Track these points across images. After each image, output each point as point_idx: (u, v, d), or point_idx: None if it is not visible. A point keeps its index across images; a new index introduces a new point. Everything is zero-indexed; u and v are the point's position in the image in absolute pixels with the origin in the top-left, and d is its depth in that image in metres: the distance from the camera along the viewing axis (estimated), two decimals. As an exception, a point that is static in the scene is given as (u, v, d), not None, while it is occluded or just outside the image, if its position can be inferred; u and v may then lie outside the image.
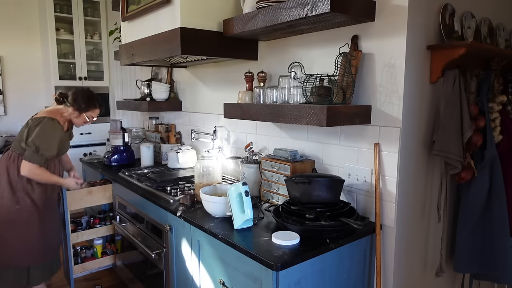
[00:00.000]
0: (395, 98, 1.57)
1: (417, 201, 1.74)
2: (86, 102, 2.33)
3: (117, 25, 3.61)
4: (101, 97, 2.53)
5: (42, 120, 2.23)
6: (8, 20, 4.21)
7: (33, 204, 2.24)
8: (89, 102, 2.35)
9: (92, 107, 2.38)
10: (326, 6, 1.41)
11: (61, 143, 2.29)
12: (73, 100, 2.31)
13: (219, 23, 2.00)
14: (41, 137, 2.18)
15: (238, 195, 1.62)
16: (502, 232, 1.84)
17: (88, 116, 2.38)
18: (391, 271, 1.67)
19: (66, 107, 2.32)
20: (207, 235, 1.66)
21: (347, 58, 1.61)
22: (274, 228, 1.61)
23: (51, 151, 2.22)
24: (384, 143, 1.63)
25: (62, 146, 2.33)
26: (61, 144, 2.30)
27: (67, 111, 2.32)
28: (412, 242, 1.75)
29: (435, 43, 1.65)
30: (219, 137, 2.59)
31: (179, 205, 1.96)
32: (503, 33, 2.01)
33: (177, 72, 3.06)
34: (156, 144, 3.09)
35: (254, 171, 2.06)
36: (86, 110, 2.35)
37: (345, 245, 1.53)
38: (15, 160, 2.23)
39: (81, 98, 2.32)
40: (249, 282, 1.46)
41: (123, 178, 2.56)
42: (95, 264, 2.80)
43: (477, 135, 1.76)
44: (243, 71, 2.18)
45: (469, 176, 1.79)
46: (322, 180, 1.62)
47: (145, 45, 2.24)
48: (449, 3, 1.66)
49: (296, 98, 1.73)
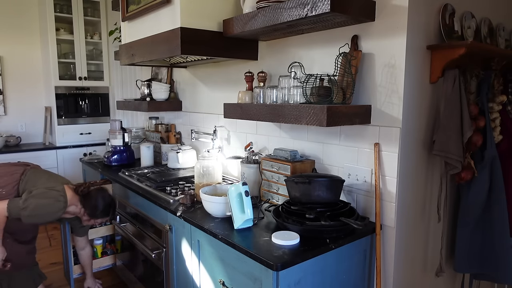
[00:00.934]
0: (395, 98, 1.57)
1: (417, 201, 1.74)
2: (101, 213, 2.27)
3: (117, 25, 3.61)
4: (101, 97, 2.48)
5: (57, 195, 2.08)
6: (8, 20, 4.21)
7: None
8: (104, 213, 2.29)
9: (105, 216, 2.34)
10: (326, 6, 1.41)
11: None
12: (91, 207, 2.24)
13: (219, 23, 2.00)
14: (38, 209, 2.02)
15: (238, 195, 1.62)
16: (502, 232, 1.84)
17: (96, 222, 2.38)
18: (391, 271, 1.67)
19: (80, 203, 2.22)
20: (207, 235, 1.66)
21: (347, 58, 1.61)
22: (274, 228, 1.61)
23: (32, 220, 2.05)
24: (384, 143, 1.63)
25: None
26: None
27: (78, 207, 2.22)
28: (412, 242, 1.75)
29: (435, 43, 1.65)
30: (219, 137, 2.59)
31: (179, 205, 1.96)
32: (503, 33, 2.01)
33: (177, 72, 3.06)
34: (156, 144, 3.09)
35: (254, 171, 2.06)
36: (97, 217, 2.30)
37: (345, 245, 1.53)
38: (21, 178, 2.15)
39: (100, 210, 2.25)
40: (249, 282, 1.46)
41: (123, 178, 2.56)
42: (95, 264, 2.80)
43: (477, 135, 1.76)
44: (243, 71, 2.18)
45: (469, 176, 1.79)
46: (322, 180, 1.62)
47: (145, 45, 2.24)
48: (449, 3, 1.66)
49: (296, 98, 1.73)
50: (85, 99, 4.49)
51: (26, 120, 4.39)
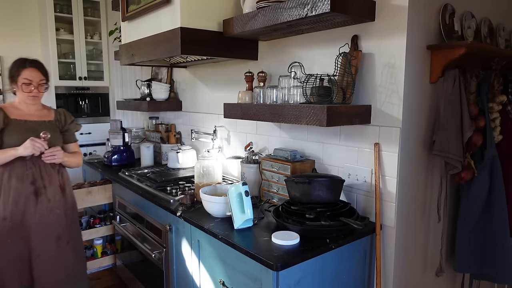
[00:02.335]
0: (395, 98, 1.57)
1: (417, 201, 1.74)
2: (11, 68, 2.02)
3: (117, 25, 3.61)
4: (101, 97, 2.45)
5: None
6: (8, 20, 4.21)
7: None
8: (13, 66, 2.02)
9: (20, 68, 1.98)
10: (326, 6, 1.41)
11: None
12: (7, 76, 2.05)
13: (219, 23, 2.00)
14: None
15: (238, 195, 1.62)
16: (502, 232, 1.84)
17: (22, 81, 1.97)
18: (391, 271, 1.67)
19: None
20: (207, 235, 1.66)
21: (347, 58, 1.61)
22: (274, 228, 1.61)
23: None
24: (384, 143, 1.63)
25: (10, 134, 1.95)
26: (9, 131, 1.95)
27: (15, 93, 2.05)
28: (412, 242, 1.75)
29: (435, 43, 1.65)
30: (219, 137, 2.59)
31: (179, 205, 1.96)
32: (503, 33, 2.01)
33: (177, 72, 3.06)
34: (156, 144, 3.09)
35: (254, 171, 2.06)
36: (15, 75, 1.99)
37: (345, 245, 1.53)
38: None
39: (9, 68, 2.04)
40: (249, 282, 1.46)
41: (123, 178, 2.56)
42: (95, 264, 2.80)
43: (477, 135, 1.76)
44: (243, 71, 2.18)
45: (469, 176, 1.79)
46: (322, 180, 1.62)
47: (145, 45, 2.24)
48: (449, 3, 1.66)
49: (296, 98, 1.73)
50: (85, 99, 4.49)
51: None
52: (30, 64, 2.00)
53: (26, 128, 1.98)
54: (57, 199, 2.06)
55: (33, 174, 1.99)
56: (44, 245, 2.01)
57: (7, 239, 1.94)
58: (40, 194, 2.00)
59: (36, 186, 1.99)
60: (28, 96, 2.01)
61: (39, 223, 1.99)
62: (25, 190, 1.96)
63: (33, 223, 1.97)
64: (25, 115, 2.03)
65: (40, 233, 1.99)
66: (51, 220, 2.03)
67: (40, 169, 2.01)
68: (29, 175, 1.98)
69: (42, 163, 2.01)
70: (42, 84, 2.03)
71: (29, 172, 1.98)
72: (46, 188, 2.02)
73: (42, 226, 2.00)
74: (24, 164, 1.96)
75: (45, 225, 2.01)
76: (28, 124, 2.01)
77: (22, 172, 1.96)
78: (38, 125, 2.03)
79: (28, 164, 1.97)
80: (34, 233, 1.98)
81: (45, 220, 2.01)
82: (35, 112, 2.08)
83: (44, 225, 2.00)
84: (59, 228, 2.06)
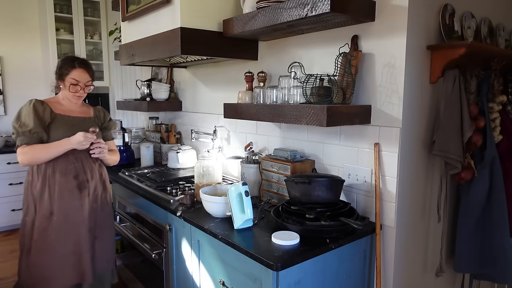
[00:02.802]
0: (395, 98, 1.57)
1: (417, 201, 1.74)
2: (60, 66, 2.01)
3: (117, 25, 3.61)
4: (101, 97, 2.46)
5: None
6: (8, 20, 4.21)
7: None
8: (62, 64, 2.01)
9: (69, 67, 1.98)
10: (326, 6, 1.41)
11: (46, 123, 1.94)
12: (54, 72, 2.05)
13: (219, 23, 2.00)
14: (15, 118, 1.99)
15: (238, 195, 1.62)
16: (502, 232, 1.84)
17: (70, 81, 1.98)
18: (391, 271, 1.67)
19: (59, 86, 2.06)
20: (207, 235, 1.66)
21: (347, 58, 1.61)
22: (274, 228, 1.60)
23: (27, 126, 1.91)
24: (384, 143, 1.63)
25: (57, 129, 1.97)
26: (55, 126, 1.96)
27: (59, 90, 2.07)
28: (412, 242, 1.75)
29: (435, 43, 1.65)
30: (219, 137, 2.59)
31: (179, 205, 1.96)
32: (503, 33, 2.01)
33: (177, 72, 3.06)
34: (156, 144, 3.09)
35: (254, 171, 2.06)
36: (63, 74, 1.99)
37: (345, 245, 1.53)
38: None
39: (57, 66, 2.03)
40: (249, 282, 1.46)
41: (123, 178, 2.56)
42: (95, 264, 2.80)
43: (477, 135, 1.76)
44: (243, 71, 2.18)
45: (469, 176, 1.79)
46: (322, 180, 1.62)
47: (145, 45, 2.24)
48: (449, 3, 1.66)
49: (296, 98, 1.73)
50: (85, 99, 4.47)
51: (26, 120, 4.38)
52: (79, 64, 2.01)
53: (71, 123, 2.02)
54: (99, 192, 2.11)
55: (76, 169, 2.02)
56: (89, 238, 2.05)
57: (54, 234, 1.96)
58: (83, 188, 2.03)
59: (79, 180, 2.02)
60: (73, 96, 2.04)
61: (86, 217, 2.02)
62: (68, 185, 1.99)
63: (79, 217, 2.00)
64: (68, 111, 2.07)
65: (86, 226, 2.02)
66: (95, 212, 2.08)
67: (82, 163, 2.04)
68: (72, 169, 2.00)
69: (85, 158, 2.05)
70: (88, 85, 2.06)
71: (72, 166, 2.00)
72: (89, 182, 2.05)
73: (87, 219, 2.03)
74: (66, 159, 1.99)
75: (91, 218, 2.05)
76: (72, 119, 2.04)
77: (65, 167, 1.99)
78: (81, 121, 2.07)
79: (70, 158, 2.00)
80: (81, 226, 2.01)
81: (90, 213, 2.05)
82: (77, 108, 2.12)
83: (90, 218, 2.04)
84: (103, 219, 2.12)
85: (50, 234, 1.96)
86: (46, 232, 1.95)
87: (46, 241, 1.95)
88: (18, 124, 1.95)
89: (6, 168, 3.85)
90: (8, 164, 3.86)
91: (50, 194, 1.97)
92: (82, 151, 2.02)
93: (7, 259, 3.31)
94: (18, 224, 3.92)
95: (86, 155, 2.06)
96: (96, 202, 2.09)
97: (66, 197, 1.98)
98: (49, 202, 1.96)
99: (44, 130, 1.94)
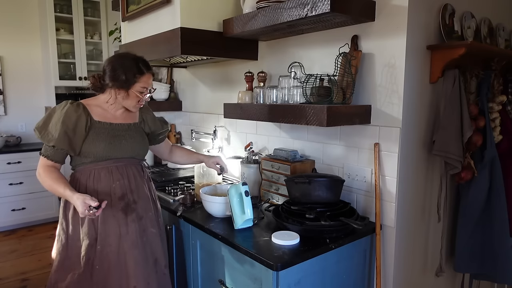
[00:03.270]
0: (395, 98, 1.57)
1: (417, 201, 1.74)
2: (124, 70, 1.58)
3: (117, 25, 3.61)
4: None
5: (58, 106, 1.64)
6: (8, 20, 4.21)
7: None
8: (125, 69, 1.58)
9: (137, 73, 1.59)
10: (326, 6, 1.41)
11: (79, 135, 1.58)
12: (109, 76, 1.60)
13: (219, 23, 2.00)
14: (43, 121, 1.62)
15: (238, 195, 1.62)
16: (502, 232, 1.84)
17: (139, 90, 1.62)
18: (391, 271, 1.67)
19: (109, 91, 1.63)
20: (207, 235, 1.66)
21: (347, 58, 1.61)
22: (274, 228, 1.60)
23: (51, 139, 1.56)
24: (384, 143, 1.63)
25: (96, 141, 1.60)
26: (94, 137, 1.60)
27: (110, 95, 1.63)
28: (412, 242, 1.75)
29: (435, 43, 1.65)
30: (219, 137, 2.59)
31: (179, 205, 1.96)
32: (503, 33, 2.01)
33: (177, 72, 3.06)
34: (156, 144, 3.09)
35: (254, 171, 2.06)
36: (130, 82, 1.59)
37: (345, 245, 1.53)
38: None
39: (116, 69, 1.59)
40: (249, 282, 1.46)
41: (123, 178, 2.55)
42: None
43: (477, 135, 1.76)
44: (243, 71, 2.18)
45: (469, 176, 1.79)
46: (322, 180, 1.62)
47: (145, 45, 2.24)
48: (449, 3, 1.66)
49: (296, 98, 1.73)
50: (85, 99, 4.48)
51: (26, 120, 4.39)
52: (147, 69, 1.63)
53: (113, 133, 1.65)
54: (150, 215, 1.72)
55: (121, 187, 1.64)
56: (141, 271, 1.64)
57: (98, 265, 1.61)
58: (130, 212, 1.65)
59: (125, 201, 1.64)
60: (135, 106, 1.67)
61: (133, 246, 1.63)
62: (113, 208, 1.61)
63: (126, 247, 1.62)
64: (111, 117, 1.68)
65: (135, 258, 1.62)
66: (145, 241, 1.68)
67: (129, 180, 1.67)
68: (117, 188, 1.63)
69: (131, 172, 1.69)
70: (152, 91, 1.70)
71: (116, 185, 1.63)
72: (137, 203, 1.67)
73: (137, 249, 1.63)
74: (110, 176, 1.63)
75: (140, 247, 1.65)
76: (114, 127, 1.66)
77: (109, 186, 1.62)
78: (125, 130, 1.69)
79: (115, 174, 1.64)
80: (129, 258, 1.61)
81: (139, 242, 1.65)
82: (122, 113, 1.71)
83: (139, 247, 1.64)
84: (156, 250, 1.72)
85: (95, 267, 1.61)
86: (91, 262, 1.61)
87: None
88: (43, 131, 1.60)
89: (6, 168, 3.85)
90: (8, 164, 3.86)
91: (90, 221, 1.61)
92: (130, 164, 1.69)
93: (7, 259, 3.32)
94: (18, 224, 3.97)
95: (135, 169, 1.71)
96: (147, 228, 1.70)
97: (110, 223, 1.61)
98: (88, 230, 1.60)
99: (70, 147, 1.58)
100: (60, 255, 1.65)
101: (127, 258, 1.62)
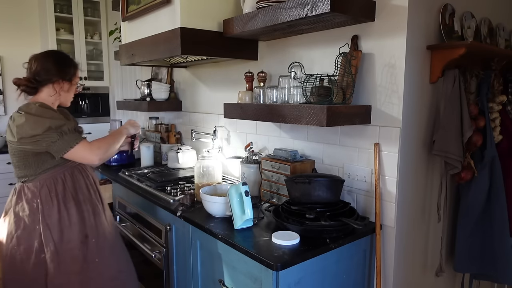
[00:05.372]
0: (395, 98, 1.57)
1: (417, 201, 1.74)
2: (69, 63, 1.75)
3: (117, 25, 3.61)
4: (101, 97, 2.38)
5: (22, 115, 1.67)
6: (8, 20, 4.21)
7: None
8: (70, 62, 1.77)
9: (75, 66, 1.77)
10: (326, 6, 1.41)
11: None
12: (55, 70, 1.70)
13: (219, 23, 2.00)
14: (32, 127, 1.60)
15: (238, 195, 1.62)
16: (502, 232, 1.84)
17: (76, 81, 1.79)
18: (391, 271, 1.67)
19: (49, 88, 1.71)
20: (207, 235, 1.66)
21: (347, 58, 1.61)
22: (274, 228, 1.61)
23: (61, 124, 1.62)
24: (384, 143, 1.63)
25: None
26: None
27: (51, 91, 1.70)
28: (412, 242, 1.75)
29: (435, 43, 1.65)
30: (219, 137, 2.59)
31: (179, 205, 1.96)
32: (503, 33, 2.01)
33: (177, 72, 3.06)
34: (156, 144, 3.09)
35: (254, 171, 2.06)
36: (73, 74, 1.74)
37: (345, 245, 1.53)
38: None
39: (60, 63, 1.71)
40: (249, 282, 1.46)
41: (123, 178, 2.56)
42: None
43: (477, 135, 1.76)
44: (243, 71, 2.18)
45: (469, 176, 1.79)
46: (322, 180, 1.62)
47: (145, 45, 2.24)
48: (449, 3, 1.66)
49: (296, 98, 1.73)
50: (85, 99, 4.49)
51: (26, 120, 4.38)
52: (75, 62, 1.81)
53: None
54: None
55: (92, 180, 1.83)
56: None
57: (97, 258, 1.72)
58: (102, 200, 1.84)
59: (98, 193, 1.84)
60: (70, 100, 1.82)
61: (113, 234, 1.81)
62: (92, 200, 1.77)
63: (111, 236, 1.79)
64: None
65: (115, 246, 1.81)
66: (115, 227, 1.88)
67: (92, 174, 1.86)
68: (91, 182, 1.81)
69: (91, 169, 1.85)
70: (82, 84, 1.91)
71: (90, 177, 1.82)
72: (100, 193, 1.88)
73: (116, 237, 1.82)
74: (83, 172, 1.79)
75: (117, 235, 1.83)
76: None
77: (86, 181, 1.80)
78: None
79: (85, 170, 1.81)
80: (115, 247, 1.80)
81: (114, 229, 1.84)
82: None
83: (117, 235, 1.83)
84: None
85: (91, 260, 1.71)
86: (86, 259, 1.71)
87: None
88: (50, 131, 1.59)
89: (6, 168, 3.85)
90: (8, 164, 3.85)
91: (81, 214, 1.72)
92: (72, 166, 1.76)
93: (7, 259, 3.31)
94: (18, 224, 3.96)
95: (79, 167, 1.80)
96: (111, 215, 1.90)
97: (96, 213, 1.75)
98: (81, 224, 1.71)
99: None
100: (53, 262, 1.68)
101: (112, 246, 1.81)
